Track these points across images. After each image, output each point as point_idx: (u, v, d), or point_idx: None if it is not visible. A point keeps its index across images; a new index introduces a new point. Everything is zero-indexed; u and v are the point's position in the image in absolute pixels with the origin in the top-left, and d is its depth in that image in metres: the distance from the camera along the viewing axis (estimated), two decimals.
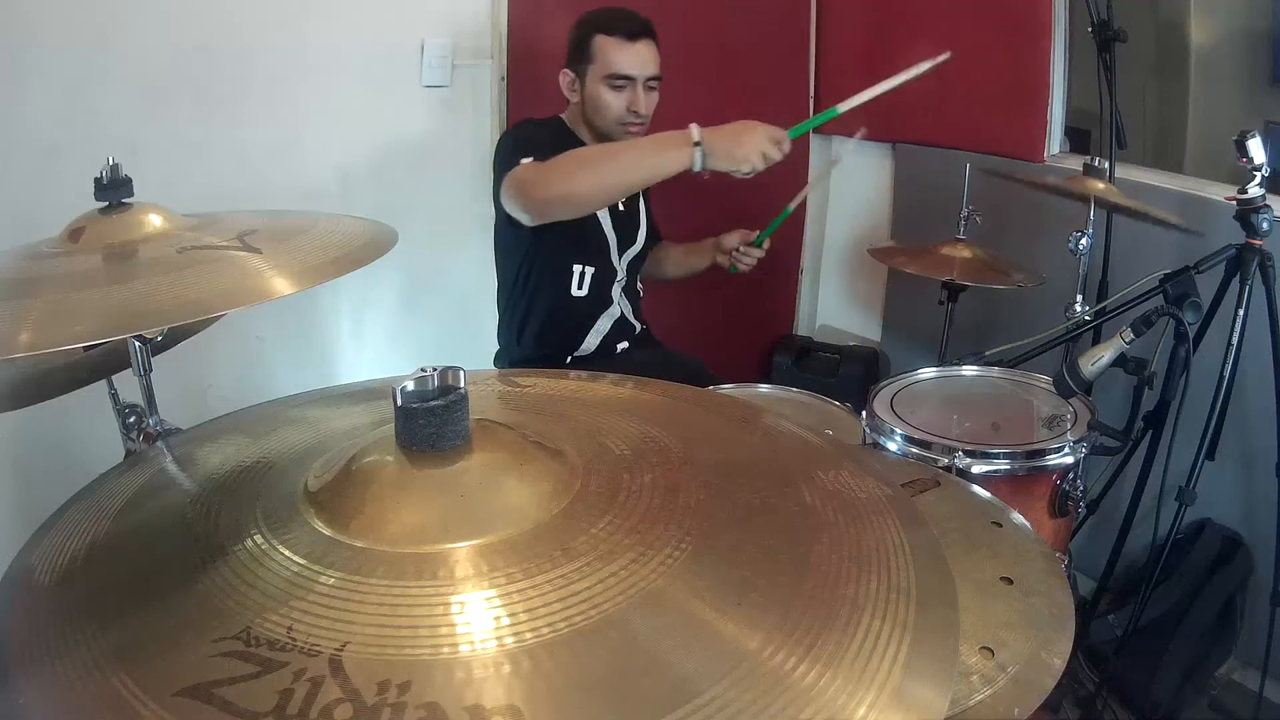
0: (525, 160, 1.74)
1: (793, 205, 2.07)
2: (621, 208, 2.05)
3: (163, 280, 0.85)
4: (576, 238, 1.98)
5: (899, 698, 0.51)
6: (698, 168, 1.61)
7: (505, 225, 1.93)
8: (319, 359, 2.26)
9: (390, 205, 2.24)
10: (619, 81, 1.89)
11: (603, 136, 1.95)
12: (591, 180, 1.69)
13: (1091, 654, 2.03)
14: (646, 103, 1.92)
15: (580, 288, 2.03)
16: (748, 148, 1.60)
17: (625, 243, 2.07)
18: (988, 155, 2.52)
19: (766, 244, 2.11)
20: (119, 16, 1.78)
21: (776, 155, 1.62)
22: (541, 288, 2.02)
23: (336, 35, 2.09)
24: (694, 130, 1.61)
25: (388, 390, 0.65)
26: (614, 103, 1.90)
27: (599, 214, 1.99)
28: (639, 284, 2.18)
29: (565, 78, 1.96)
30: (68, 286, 0.84)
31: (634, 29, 1.89)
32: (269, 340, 2.13)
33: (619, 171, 1.69)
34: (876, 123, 2.99)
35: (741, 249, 2.12)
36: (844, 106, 1.75)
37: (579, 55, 1.92)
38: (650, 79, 1.92)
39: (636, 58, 1.89)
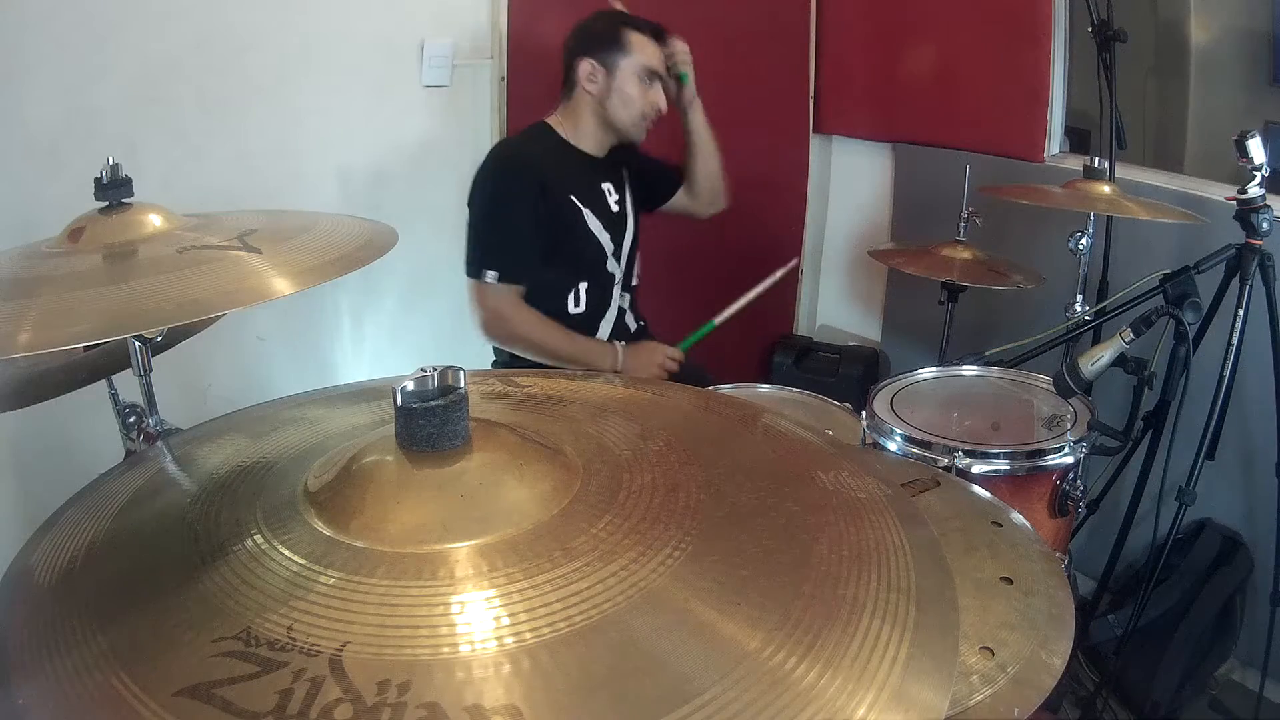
0: (491, 274, 1.86)
1: (718, 320, 2.09)
2: (614, 207, 2.03)
3: (163, 280, 0.86)
4: (573, 258, 1.99)
5: (899, 698, 0.51)
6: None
7: None
8: (319, 359, 2.26)
9: (390, 205, 2.24)
10: (651, 76, 1.94)
11: (614, 128, 1.96)
12: (534, 356, 1.95)
13: (1091, 654, 2.04)
14: None
15: (578, 305, 2.01)
16: (650, 362, 1.99)
17: (619, 240, 2.06)
18: (988, 155, 2.53)
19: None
20: (119, 16, 1.78)
21: (673, 366, 2.01)
22: (539, 308, 2.01)
23: (336, 35, 2.09)
24: (619, 350, 1.99)
25: (388, 390, 0.65)
26: (644, 96, 1.94)
27: (591, 226, 1.97)
28: (634, 273, 2.16)
29: (587, 66, 1.92)
30: (68, 286, 0.85)
31: (660, 33, 1.98)
32: (269, 340, 2.13)
33: (558, 362, 1.92)
34: (877, 123, 3.02)
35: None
36: (719, 319, 2.07)
37: (608, 46, 1.92)
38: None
39: (663, 59, 1.97)
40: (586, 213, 1.96)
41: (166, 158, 1.87)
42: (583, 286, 2.01)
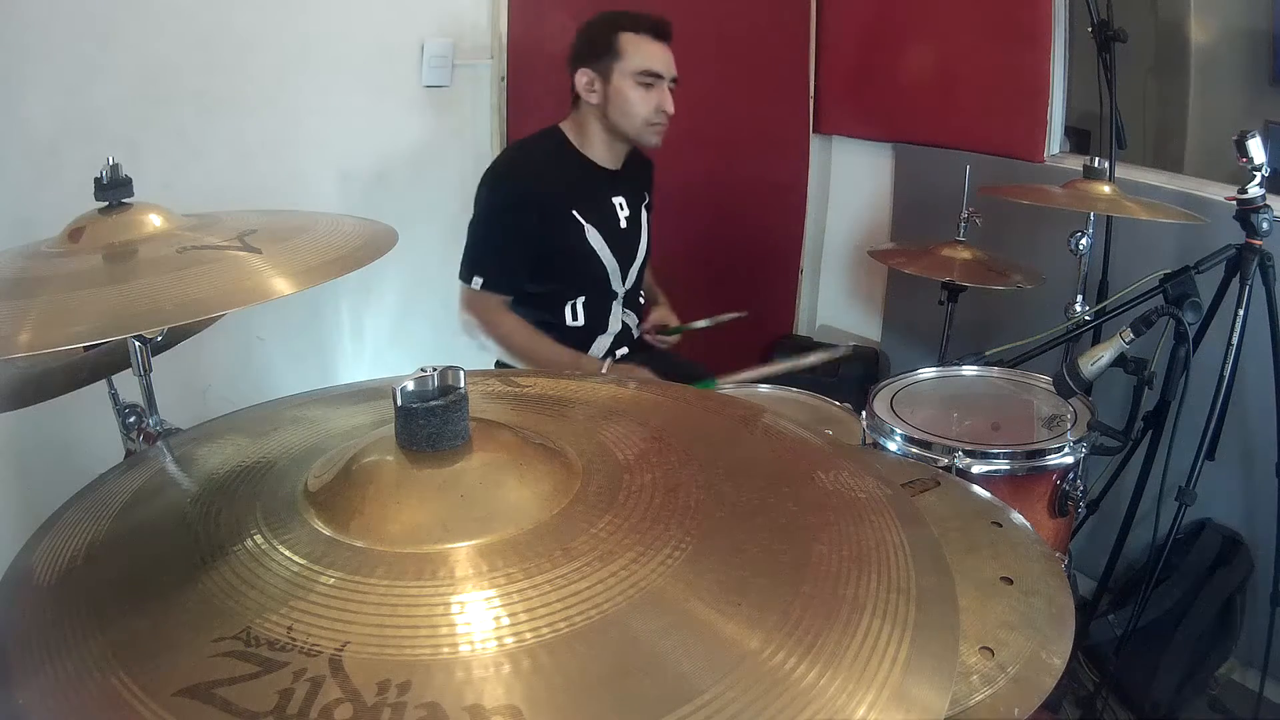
0: (478, 280, 1.88)
1: (704, 324, 2.14)
2: (624, 224, 1.99)
3: (163, 280, 0.85)
4: (572, 275, 1.96)
5: (899, 698, 0.51)
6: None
7: None
8: (319, 359, 2.26)
9: (390, 205, 2.24)
10: (649, 79, 1.86)
11: (623, 137, 1.92)
12: (518, 362, 1.92)
13: (1091, 654, 2.03)
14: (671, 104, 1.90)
15: (575, 318, 2.00)
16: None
17: (627, 262, 2.02)
18: (988, 155, 2.53)
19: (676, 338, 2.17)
20: (119, 16, 1.78)
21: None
22: (532, 318, 2.01)
23: (336, 35, 2.09)
24: (604, 367, 1.96)
25: (388, 390, 0.64)
26: (644, 101, 1.87)
27: (596, 247, 1.94)
28: (641, 295, 2.15)
29: (584, 77, 1.89)
30: (68, 286, 0.84)
31: (661, 29, 1.88)
32: (269, 340, 2.13)
33: (537, 366, 1.89)
34: (877, 123, 3.02)
35: (655, 332, 2.16)
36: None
37: (601, 52, 1.87)
38: (673, 80, 1.90)
39: (666, 57, 1.88)
40: (589, 229, 1.93)
41: (166, 158, 1.87)
42: (580, 301, 1.99)
